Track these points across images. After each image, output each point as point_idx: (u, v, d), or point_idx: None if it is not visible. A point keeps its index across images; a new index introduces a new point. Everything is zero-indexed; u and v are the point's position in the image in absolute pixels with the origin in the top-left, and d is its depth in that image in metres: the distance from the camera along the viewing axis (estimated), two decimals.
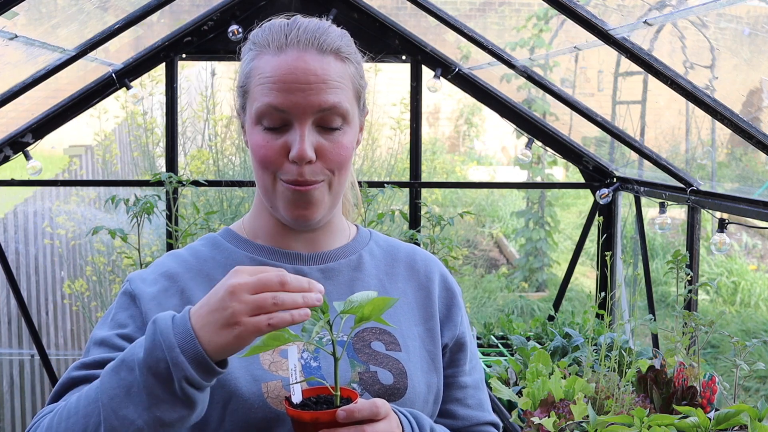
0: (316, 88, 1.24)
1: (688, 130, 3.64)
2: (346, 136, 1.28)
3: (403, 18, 4.01)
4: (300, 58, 1.25)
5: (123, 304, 1.29)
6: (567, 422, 2.31)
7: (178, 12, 3.92)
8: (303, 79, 1.24)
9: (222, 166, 5.77)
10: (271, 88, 1.24)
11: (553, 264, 8.26)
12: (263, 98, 1.24)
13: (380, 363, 1.29)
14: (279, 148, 1.25)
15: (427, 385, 1.33)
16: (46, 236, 5.48)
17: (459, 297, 1.44)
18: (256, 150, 1.27)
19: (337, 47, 1.27)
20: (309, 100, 1.23)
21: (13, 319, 5.15)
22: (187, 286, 1.29)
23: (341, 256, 1.37)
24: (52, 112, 3.83)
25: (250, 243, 1.36)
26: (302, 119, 1.24)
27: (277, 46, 1.26)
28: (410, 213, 4.17)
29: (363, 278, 1.36)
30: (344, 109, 1.26)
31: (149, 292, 1.28)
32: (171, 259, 1.35)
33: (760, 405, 2.08)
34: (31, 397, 5.18)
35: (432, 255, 1.48)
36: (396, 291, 1.38)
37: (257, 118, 1.26)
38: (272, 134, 1.25)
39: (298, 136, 1.24)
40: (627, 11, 2.71)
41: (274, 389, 1.23)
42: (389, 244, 1.45)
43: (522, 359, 2.96)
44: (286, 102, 1.23)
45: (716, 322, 2.59)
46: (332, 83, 1.25)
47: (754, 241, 8.78)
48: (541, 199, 8.16)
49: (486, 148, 11.86)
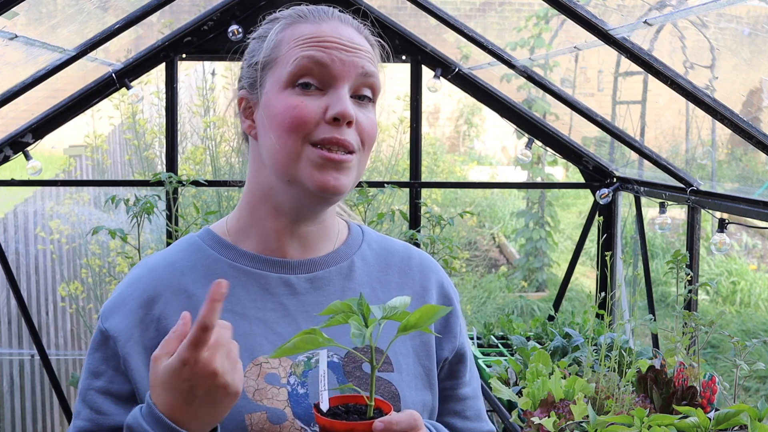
0: (359, 53, 1.20)
1: (688, 130, 3.64)
2: (375, 115, 1.24)
3: (403, 18, 4.01)
4: (343, 27, 1.22)
5: (97, 343, 1.22)
6: (567, 422, 2.31)
7: (178, 12, 3.92)
8: (348, 43, 1.19)
9: (219, 166, 5.76)
10: (313, 45, 1.18)
11: (553, 264, 8.26)
12: (304, 53, 1.17)
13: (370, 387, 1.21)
14: (315, 108, 1.17)
15: (422, 404, 1.26)
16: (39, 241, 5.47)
17: (457, 304, 1.36)
18: (286, 111, 1.17)
19: (367, 33, 1.26)
20: (354, 60, 1.19)
21: (13, 319, 5.15)
22: (163, 312, 1.20)
23: (331, 263, 1.27)
24: (52, 112, 3.83)
25: (233, 248, 1.25)
26: (342, 80, 1.18)
27: (316, 16, 1.22)
28: (410, 213, 4.17)
29: (354, 288, 1.27)
30: (378, 83, 1.23)
31: (123, 329, 1.19)
32: (145, 274, 1.24)
33: (760, 405, 2.08)
34: (31, 397, 5.18)
35: (428, 257, 1.39)
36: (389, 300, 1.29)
37: (291, 78, 1.18)
38: (307, 95, 1.18)
39: (338, 96, 1.17)
40: (627, 11, 2.71)
41: (259, 421, 1.14)
42: (382, 246, 1.35)
43: (522, 359, 2.96)
44: (330, 58, 1.17)
45: (716, 322, 2.59)
46: (371, 56, 1.23)
47: (754, 241, 8.77)
48: (541, 199, 8.16)
49: (486, 148, 11.86)
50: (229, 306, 1.19)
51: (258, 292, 1.23)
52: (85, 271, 5.49)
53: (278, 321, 1.21)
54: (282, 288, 1.23)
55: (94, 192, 6.14)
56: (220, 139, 5.80)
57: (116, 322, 1.20)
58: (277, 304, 1.22)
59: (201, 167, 5.63)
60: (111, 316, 1.21)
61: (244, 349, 1.16)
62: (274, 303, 1.22)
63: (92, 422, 1.19)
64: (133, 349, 1.18)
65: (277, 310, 1.22)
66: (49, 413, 5.30)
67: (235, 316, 1.19)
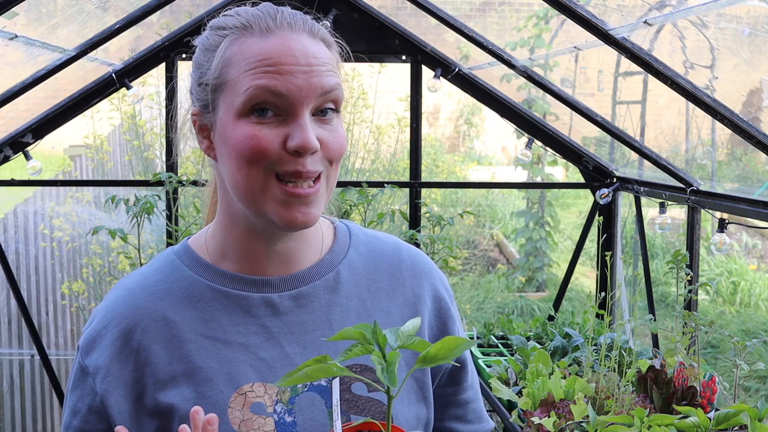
0: (317, 71, 1.09)
1: (688, 130, 3.64)
2: (341, 126, 1.15)
3: (403, 18, 4.01)
4: (296, 39, 1.10)
5: (76, 379, 1.18)
6: (567, 422, 2.31)
7: (177, 12, 3.92)
8: (303, 60, 1.09)
9: None
10: (265, 71, 1.08)
11: (553, 264, 8.26)
12: (255, 82, 1.07)
13: (361, 410, 1.17)
14: (274, 138, 1.08)
15: (416, 419, 1.21)
16: (43, 239, 5.47)
17: (452, 306, 1.30)
18: (242, 143, 1.08)
19: (323, 34, 1.15)
20: (311, 82, 1.08)
21: (13, 319, 5.16)
22: (142, 343, 1.15)
23: (316, 277, 1.20)
24: (52, 112, 3.83)
25: (212, 268, 1.19)
26: (301, 106, 1.08)
27: (263, 27, 1.11)
28: (410, 213, 4.17)
29: (341, 302, 1.21)
30: (341, 94, 1.13)
31: (101, 364, 1.15)
32: (123, 300, 1.19)
33: (760, 405, 2.08)
34: (31, 397, 5.19)
35: (420, 257, 1.31)
36: (378, 311, 1.22)
37: (244, 108, 1.08)
38: (264, 124, 1.08)
39: (298, 124, 1.08)
40: (627, 11, 2.71)
41: None
42: (370, 248, 1.27)
43: (522, 359, 2.96)
44: (285, 85, 1.07)
45: (716, 322, 2.59)
46: (329, 66, 1.12)
47: (754, 241, 8.78)
48: (541, 199, 8.16)
49: (486, 148, 11.86)
50: (210, 332, 1.16)
51: (239, 315, 1.18)
52: (86, 271, 5.49)
53: (261, 345, 1.17)
54: (264, 309, 1.18)
55: (95, 192, 6.14)
56: None
57: (95, 357, 1.16)
58: (260, 327, 1.17)
59: (201, 167, 5.63)
60: (90, 350, 1.17)
61: (227, 378, 1.14)
62: (256, 326, 1.17)
63: None
64: (112, 385, 1.15)
65: (260, 333, 1.17)
66: (49, 413, 5.30)
67: (217, 343, 1.16)
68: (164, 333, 1.16)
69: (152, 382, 1.14)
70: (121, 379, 1.15)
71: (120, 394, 1.15)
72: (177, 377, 1.15)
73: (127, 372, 1.15)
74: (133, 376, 1.15)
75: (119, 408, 1.14)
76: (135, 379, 1.15)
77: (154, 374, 1.15)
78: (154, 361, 1.15)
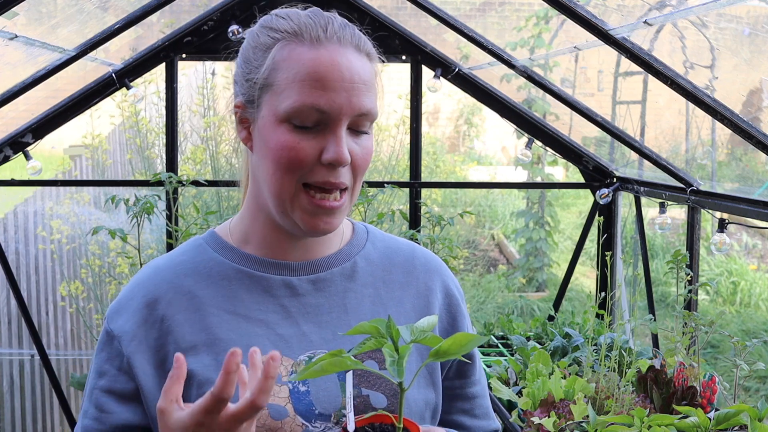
0: (357, 90, 1.17)
1: (688, 130, 3.64)
2: (371, 141, 1.23)
3: (403, 18, 4.01)
4: (342, 54, 1.17)
5: (102, 343, 1.25)
6: (567, 422, 2.31)
7: (178, 12, 3.92)
8: (348, 76, 1.16)
9: (219, 166, 5.76)
10: (312, 85, 1.14)
11: (553, 264, 8.26)
12: (300, 96, 1.14)
13: (372, 385, 1.22)
14: (311, 150, 1.16)
15: (425, 402, 1.27)
16: (40, 241, 5.47)
17: (462, 303, 1.37)
18: (281, 151, 1.16)
19: (368, 48, 1.23)
20: (351, 101, 1.16)
21: (13, 319, 5.15)
22: (167, 312, 1.22)
23: (334, 264, 1.28)
24: (52, 112, 3.83)
25: (236, 251, 1.27)
26: (339, 122, 1.16)
27: (313, 37, 1.17)
28: (410, 213, 4.17)
29: (357, 289, 1.28)
30: (376, 114, 1.21)
31: (127, 329, 1.22)
32: (149, 276, 1.26)
33: (760, 405, 2.08)
34: (31, 397, 5.18)
35: (433, 256, 1.39)
36: (392, 300, 1.30)
37: (287, 116, 1.16)
38: (303, 134, 1.16)
39: (335, 138, 1.15)
40: (627, 11, 2.71)
41: (260, 417, 1.17)
42: (386, 245, 1.35)
43: (522, 359, 2.96)
44: (329, 103, 1.14)
45: (716, 322, 2.59)
46: (370, 85, 1.20)
47: (754, 241, 8.78)
48: (541, 199, 8.16)
49: (486, 148, 11.86)
50: (231, 308, 1.23)
51: (260, 295, 1.24)
52: (84, 271, 5.49)
53: (279, 323, 1.23)
54: (283, 290, 1.25)
55: (94, 192, 6.13)
56: (220, 139, 5.80)
57: (121, 323, 1.23)
58: (279, 306, 1.24)
59: (201, 167, 5.64)
60: (116, 317, 1.24)
61: (246, 349, 1.17)
62: (275, 305, 1.24)
63: (97, 421, 1.22)
64: (138, 348, 1.21)
65: (279, 312, 1.24)
66: (49, 413, 5.30)
67: (238, 318, 1.23)
68: (188, 305, 1.23)
69: (174, 350, 1.20)
70: (145, 344, 1.21)
71: (144, 358, 1.21)
72: (198, 346, 1.20)
73: (151, 339, 1.21)
74: (157, 343, 1.21)
75: (144, 370, 1.20)
76: (158, 345, 1.21)
77: (176, 342, 1.21)
78: (177, 330, 1.21)
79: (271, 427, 1.17)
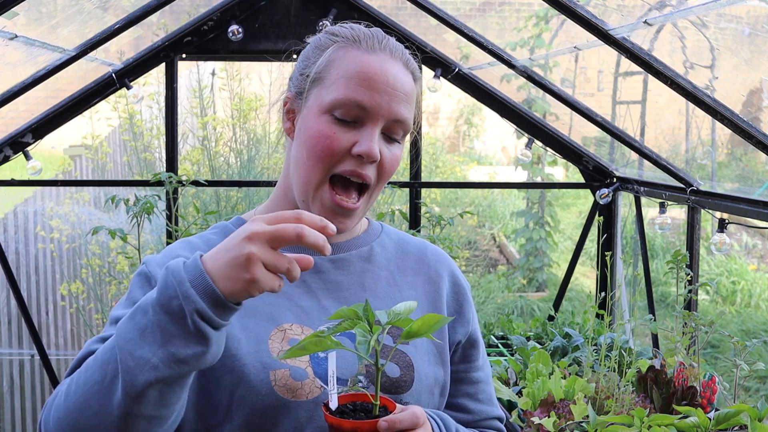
0: (398, 97, 1.28)
1: (688, 130, 3.64)
2: (401, 151, 1.33)
3: (403, 18, 4.01)
4: (391, 65, 1.30)
5: (138, 283, 1.29)
6: (567, 422, 2.31)
7: (178, 12, 3.92)
8: (392, 83, 1.28)
9: (216, 166, 5.76)
10: (359, 83, 1.26)
11: (553, 264, 8.26)
12: (346, 90, 1.26)
13: (387, 355, 1.29)
14: (345, 142, 1.26)
15: (434, 378, 1.34)
16: (40, 241, 5.47)
17: (469, 293, 1.45)
18: (318, 139, 1.27)
19: (414, 68, 1.35)
20: (391, 105, 1.27)
21: (13, 319, 5.16)
22: None
23: (353, 248, 1.39)
24: (52, 112, 3.83)
25: None
26: (377, 121, 1.27)
27: (369, 45, 1.30)
28: (410, 213, 4.17)
29: (373, 270, 1.38)
30: (410, 127, 1.32)
31: None
32: (183, 245, 1.35)
33: (760, 405, 2.08)
34: (31, 397, 5.19)
35: (442, 251, 1.49)
36: (405, 283, 1.39)
37: (331, 107, 1.27)
38: (342, 126, 1.27)
39: (369, 134, 1.26)
40: (627, 11, 2.71)
41: (282, 377, 1.24)
42: (400, 237, 1.47)
43: (522, 359, 2.96)
44: (371, 101, 1.26)
45: (716, 322, 2.59)
46: (410, 98, 1.31)
47: (754, 241, 8.78)
48: (541, 199, 8.16)
49: (486, 148, 11.86)
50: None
51: None
52: (85, 271, 5.49)
53: (301, 296, 1.32)
54: None
55: (94, 192, 6.14)
56: (218, 138, 5.80)
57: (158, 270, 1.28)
58: (301, 282, 1.32)
59: (198, 167, 5.63)
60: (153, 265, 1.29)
61: (270, 317, 1.28)
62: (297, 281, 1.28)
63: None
64: None
65: (301, 286, 1.32)
66: None
67: None
68: None
69: None
70: None
71: None
72: None
73: None
74: None
75: None
76: None
77: None
78: None
79: (292, 387, 1.24)
